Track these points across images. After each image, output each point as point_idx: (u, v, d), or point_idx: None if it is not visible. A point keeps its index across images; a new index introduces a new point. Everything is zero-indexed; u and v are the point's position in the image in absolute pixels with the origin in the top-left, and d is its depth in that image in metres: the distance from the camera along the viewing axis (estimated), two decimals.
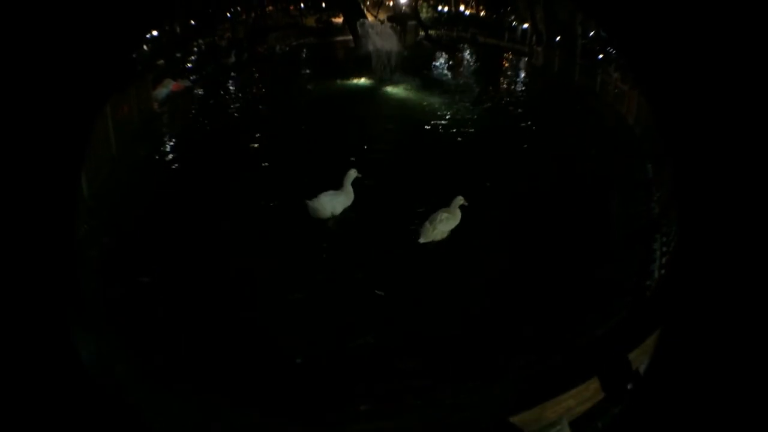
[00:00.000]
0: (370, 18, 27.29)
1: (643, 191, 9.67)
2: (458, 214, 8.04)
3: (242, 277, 7.03)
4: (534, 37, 30.89)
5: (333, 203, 8.43)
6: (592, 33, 31.14)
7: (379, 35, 20.65)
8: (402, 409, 4.94)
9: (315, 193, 8.37)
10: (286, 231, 8.32)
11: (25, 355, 1.69)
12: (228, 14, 27.16)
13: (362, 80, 19.42)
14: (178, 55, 19.16)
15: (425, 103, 16.79)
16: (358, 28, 21.88)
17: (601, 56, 35.11)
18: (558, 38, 29.69)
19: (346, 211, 8.63)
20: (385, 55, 19.83)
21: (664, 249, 7.07)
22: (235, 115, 14.91)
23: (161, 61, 16.92)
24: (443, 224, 7.87)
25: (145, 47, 16.75)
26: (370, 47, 20.23)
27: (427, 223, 7.90)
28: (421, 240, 7.80)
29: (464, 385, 5.17)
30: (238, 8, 28.46)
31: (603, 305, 6.48)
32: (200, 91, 16.73)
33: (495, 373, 5.33)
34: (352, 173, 8.67)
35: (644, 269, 6.99)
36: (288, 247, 7.92)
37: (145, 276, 6.82)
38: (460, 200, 8.06)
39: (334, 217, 8.49)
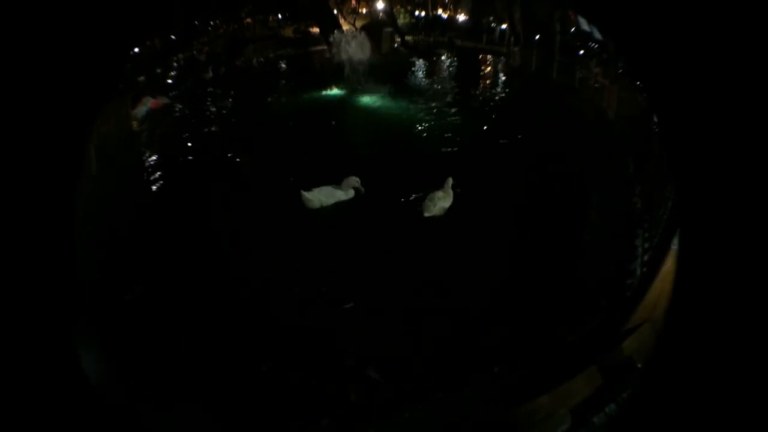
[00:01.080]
0: (345, 26, 27.23)
1: (625, 186, 9.69)
2: (451, 194, 9.15)
3: (237, 282, 7.09)
4: (512, 38, 31.04)
5: (323, 197, 9.11)
6: (572, 29, 31.44)
7: (353, 44, 20.59)
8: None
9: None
10: (273, 239, 8.40)
11: (26, 365, 1.70)
12: (208, 27, 26.98)
13: (336, 91, 19.26)
14: (159, 70, 18.96)
15: (400, 110, 16.76)
16: (333, 38, 21.79)
17: (581, 52, 35.44)
18: (536, 37, 29.92)
19: (340, 205, 9.25)
20: (358, 65, 19.79)
21: (646, 245, 6.97)
22: (213, 129, 14.71)
23: (142, 78, 16.72)
24: (442, 201, 8.97)
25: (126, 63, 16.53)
26: (344, 57, 20.20)
27: (427, 201, 8.95)
28: (426, 214, 8.82)
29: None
30: (218, 21, 28.28)
31: (583, 305, 6.48)
32: (179, 108, 16.52)
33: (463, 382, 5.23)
34: (353, 180, 9.32)
35: (625, 267, 6.91)
36: (281, 246, 8.13)
37: (133, 289, 6.87)
38: (450, 181, 9.22)
39: (323, 208, 9.06)
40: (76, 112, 1.73)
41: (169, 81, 18.74)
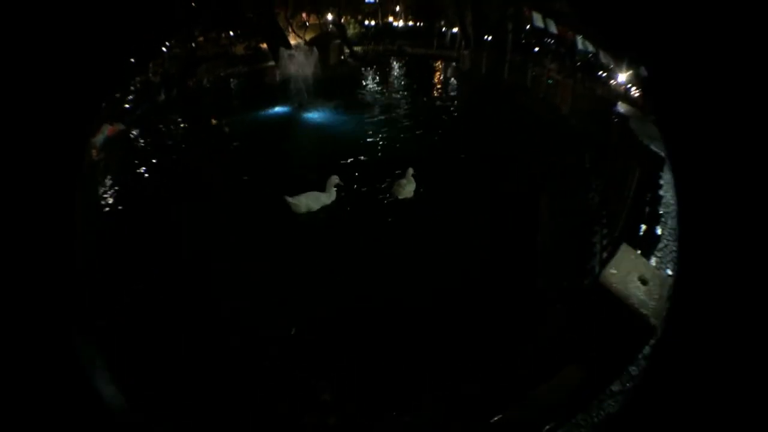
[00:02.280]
0: (294, 41, 27.00)
1: (582, 181, 9.55)
2: (413, 181, 10.16)
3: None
4: (462, 42, 31.20)
5: (310, 201, 9.53)
6: (527, 27, 31.79)
7: (300, 59, 20.33)
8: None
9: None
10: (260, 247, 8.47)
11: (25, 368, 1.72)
12: (163, 48, 26.48)
13: (282, 108, 18.90)
14: (117, 95, 18.49)
15: (347, 126, 16.51)
16: (281, 53, 21.58)
17: (536, 49, 35.83)
18: (488, 38, 30.06)
19: (325, 208, 9.67)
20: (303, 80, 19.47)
21: (605, 242, 6.72)
22: (165, 155, 14.38)
23: (103, 104, 16.16)
24: (408, 186, 10.09)
25: None
26: (291, 72, 19.95)
27: (396, 186, 10.09)
28: (400, 196, 9.96)
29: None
30: (173, 41, 27.75)
31: (541, 305, 6.35)
32: (134, 134, 16.18)
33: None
34: (334, 179, 9.78)
35: (583, 265, 6.68)
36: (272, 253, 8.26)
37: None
38: (411, 170, 10.23)
39: (309, 213, 9.48)
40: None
41: (126, 105, 18.32)
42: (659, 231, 5.38)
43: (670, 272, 6.57)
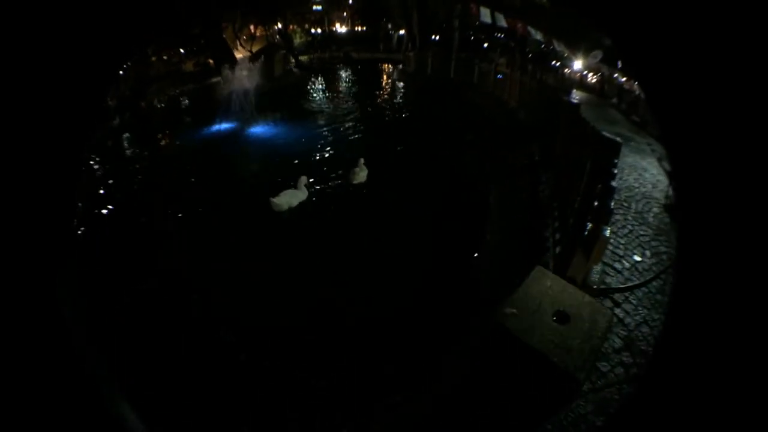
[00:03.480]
0: (241, 54, 26.64)
1: (531, 175, 9.27)
2: (365, 168, 11.10)
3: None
4: (408, 44, 31.12)
5: (290, 199, 10.05)
6: (476, 23, 32.08)
7: (242, 72, 20.20)
8: None
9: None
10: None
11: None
12: (120, 71, 25.58)
13: (226, 124, 18.50)
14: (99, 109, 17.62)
15: (295, 134, 16.30)
16: (225, 68, 21.15)
17: (486, 45, 36.28)
18: (434, 38, 30.16)
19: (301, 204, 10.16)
20: (246, 94, 19.16)
21: (557, 236, 6.39)
22: (121, 181, 13.72)
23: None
24: (362, 172, 11.08)
25: None
26: (234, 87, 19.53)
27: (351, 174, 11.12)
28: (355, 182, 10.96)
29: None
30: (128, 63, 26.94)
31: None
32: (92, 161, 15.37)
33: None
34: (303, 178, 10.33)
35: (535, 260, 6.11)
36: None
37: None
38: (362, 160, 11.24)
39: (290, 210, 9.98)
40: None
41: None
42: (619, 218, 4.79)
43: (638, 258, 6.26)
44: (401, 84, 26.62)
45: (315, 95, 24.34)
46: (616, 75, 31.71)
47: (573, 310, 2.62)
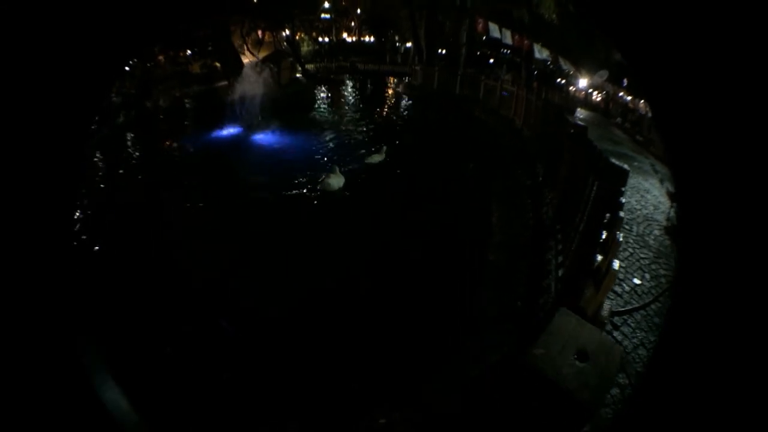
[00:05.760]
0: (248, 59, 26.61)
1: (534, 195, 9.32)
2: (341, 175, 11.52)
3: None
4: (415, 57, 31.18)
5: (338, 181, 11.26)
6: (483, 38, 32.09)
7: (251, 78, 20.05)
8: None
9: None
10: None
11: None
12: (126, 68, 25.50)
13: (232, 130, 18.38)
14: (99, 109, 17.54)
15: (299, 143, 16.21)
16: (233, 74, 21.07)
17: (491, 60, 36.30)
18: (441, 51, 30.19)
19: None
20: (254, 100, 19.22)
21: (560, 258, 6.40)
22: (127, 180, 13.68)
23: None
24: (378, 155, 13.24)
25: None
26: (242, 93, 19.58)
27: (368, 158, 13.24)
28: (370, 161, 13.09)
29: None
30: (135, 60, 26.83)
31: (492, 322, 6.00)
32: (97, 157, 15.28)
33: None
34: (336, 167, 11.61)
35: (536, 286, 6.31)
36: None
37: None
38: (384, 147, 13.48)
39: (340, 190, 11.17)
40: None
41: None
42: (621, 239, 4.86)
43: (637, 281, 6.31)
44: (407, 98, 26.60)
45: (321, 106, 24.45)
46: (621, 94, 31.86)
47: (591, 347, 2.77)
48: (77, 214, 10.25)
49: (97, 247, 8.71)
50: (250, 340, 6.02)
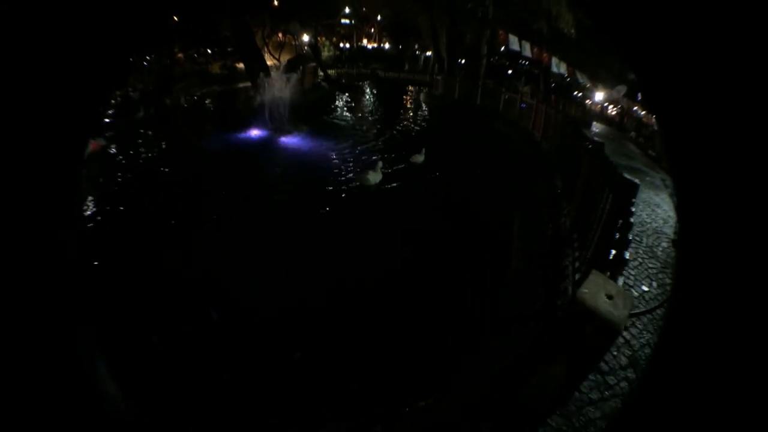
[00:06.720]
0: (270, 62, 26.75)
1: (553, 206, 9.73)
2: (424, 155, 14.36)
3: None
4: (435, 66, 31.47)
5: (376, 177, 12.15)
6: (502, 49, 32.25)
7: (277, 83, 20.11)
8: None
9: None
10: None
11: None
12: (144, 63, 25.91)
13: (257, 132, 18.61)
14: (100, 109, 17.79)
15: (323, 151, 16.32)
16: (258, 78, 21.21)
17: (510, 71, 36.42)
18: (461, 61, 30.33)
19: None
20: (279, 104, 19.33)
21: (577, 265, 6.85)
22: (147, 176, 13.82)
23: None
24: (420, 156, 14.40)
25: None
26: (267, 97, 19.63)
27: (412, 158, 14.42)
28: (414, 161, 14.31)
29: None
30: (153, 56, 27.17)
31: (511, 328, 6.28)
32: (114, 150, 15.43)
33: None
34: (379, 162, 12.77)
35: (554, 288, 6.72)
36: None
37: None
38: (424, 150, 14.56)
39: (377, 185, 12.10)
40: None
41: (106, 120, 17.67)
42: (629, 254, 5.38)
43: (645, 288, 6.83)
44: (429, 107, 26.73)
45: (344, 113, 24.60)
46: (635, 108, 32.15)
47: (614, 292, 3.69)
48: (80, 212, 10.49)
49: (98, 247, 8.66)
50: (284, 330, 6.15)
